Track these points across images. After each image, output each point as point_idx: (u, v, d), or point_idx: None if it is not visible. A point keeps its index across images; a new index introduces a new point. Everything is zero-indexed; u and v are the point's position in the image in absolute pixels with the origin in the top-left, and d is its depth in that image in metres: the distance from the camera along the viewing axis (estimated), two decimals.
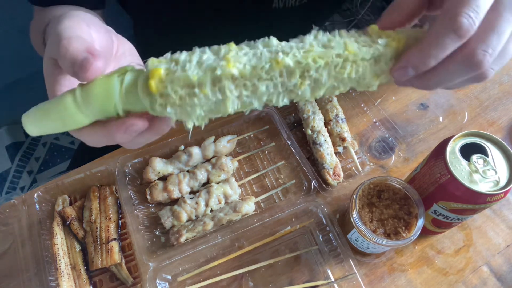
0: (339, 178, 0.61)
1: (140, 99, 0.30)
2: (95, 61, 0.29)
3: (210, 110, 0.31)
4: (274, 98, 0.32)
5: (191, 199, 0.58)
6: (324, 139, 0.62)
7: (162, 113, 0.30)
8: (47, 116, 0.31)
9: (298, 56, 0.31)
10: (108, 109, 0.31)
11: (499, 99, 0.71)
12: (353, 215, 0.50)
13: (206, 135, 0.64)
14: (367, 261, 0.57)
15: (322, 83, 0.33)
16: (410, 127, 0.68)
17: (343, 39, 0.33)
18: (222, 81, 0.29)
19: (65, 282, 0.53)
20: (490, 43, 0.35)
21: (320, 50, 0.31)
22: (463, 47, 0.35)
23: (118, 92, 0.30)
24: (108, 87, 0.30)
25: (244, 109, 0.32)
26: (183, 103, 0.30)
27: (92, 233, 0.57)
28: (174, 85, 0.29)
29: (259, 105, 0.32)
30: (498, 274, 0.56)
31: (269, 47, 0.32)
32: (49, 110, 0.31)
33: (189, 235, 0.56)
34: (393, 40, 0.34)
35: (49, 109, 0.31)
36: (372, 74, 0.34)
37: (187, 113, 0.30)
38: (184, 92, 0.29)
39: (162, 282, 0.54)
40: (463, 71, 0.36)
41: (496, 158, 0.47)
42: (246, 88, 0.31)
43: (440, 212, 0.50)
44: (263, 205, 0.61)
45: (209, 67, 0.29)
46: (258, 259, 0.56)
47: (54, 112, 0.31)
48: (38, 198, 0.59)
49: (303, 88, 0.32)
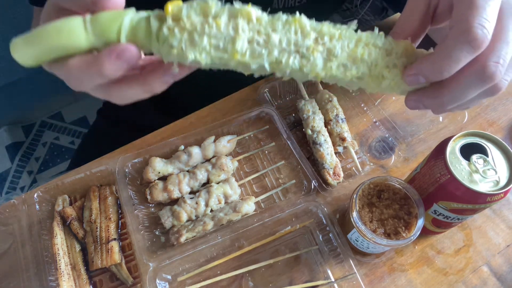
0: (339, 178, 0.61)
1: (149, 23, 0.29)
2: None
3: (217, 47, 0.30)
4: (284, 58, 0.31)
5: (191, 199, 0.59)
6: (324, 139, 0.62)
7: (166, 40, 0.29)
8: (45, 39, 0.29)
9: (313, 23, 0.31)
10: (112, 30, 0.29)
11: (499, 99, 0.71)
12: (353, 215, 0.50)
13: (206, 135, 0.64)
14: (367, 261, 0.57)
15: (335, 55, 0.32)
16: (410, 127, 0.68)
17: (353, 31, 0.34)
18: (238, 17, 0.29)
19: (65, 282, 0.53)
20: (500, 54, 0.34)
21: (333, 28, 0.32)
22: (474, 60, 0.34)
23: (129, 17, 0.29)
24: (119, 13, 0.29)
25: (252, 61, 0.31)
26: (193, 30, 0.29)
27: (92, 233, 0.57)
28: (191, 10, 0.28)
29: (268, 61, 0.31)
30: (498, 274, 0.56)
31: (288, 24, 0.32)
32: (51, 32, 0.29)
33: (189, 235, 0.56)
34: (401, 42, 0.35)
35: (51, 30, 0.29)
36: (384, 63, 0.34)
37: (193, 42, 0.29)
38: (198, 20, 0.29)
39: (162, 282, 0.54)
40: (477, 84, 0.35)
41: (496, 158, 0.47)
42: (260, 34, 0.30)
43: (440, 212, 0.50)
44: (263, 205, 0.61)
45: (227, 5, 0.29)
46: (258, 259, 0.56)
47: (55, 31, 0.29)
48: (38, 198, 0.59)
49: (315, 55, 0.32)
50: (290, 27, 0.31)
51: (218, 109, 0.70)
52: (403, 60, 0.35)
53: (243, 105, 0.71)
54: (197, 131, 0.63)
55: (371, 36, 0.34)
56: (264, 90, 0.68)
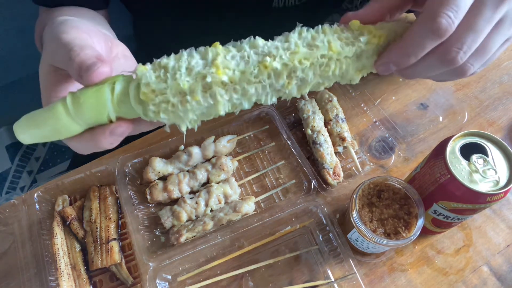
0: (339, 178, 0.61)
1: (132, 107, 0.31)
2: (102, 66, 0.30)
3: (202, 114, 0.32)
4: (263, 98, 0.33)
5: (191, 199, 0.58)
6: (324, 139, 0.62)
7: (155, 119, 0.31)
8: (38, 125, 0.31)
9: (284, 59, 0.31)
10: (101, 118, 0.31)
11: (499, 99, 0.71)
12: (353, 215, 0.50)
13: (206, 135, 0.64)
14: (367, 261, 0.57)
15: (308, 82, 0.34)
16: (410, 127, 0.68)
17: (327, 37, 0.33)
18: (212, 87, 0.30)
19: (65, 282, 0.53)
20: (465, 41, 0.36)
21: (305, 51, 0.32)
22: (440, 43, 0.37)
23: (110, 101, 0.30)
24: (100, 97, 0.30)
25: (235, 109, 0.33)
26: (176, 109, 0.30)
27: (92, 233, 0.57)
28: (166, 95, 0.30)
29: (249, 105, 0.33)
30: (498, 274, 0.56)
31: (256, 48, 0.32)
32: (41, 119, 0.31)
33: (189, 235, 0.56)
34: (374, 37, 0.35)
35: (41, 118, 0.31)
36: (355, 69, 0.36)
37: (180, 118, 0.31)
38: (176, 100, 0.30)
39: (162, 282, 0.54)
40: (438, 65, 0.38)
41: (496, 158, 0.47)
42: (236, 92, 0.31)
43: (440, 212, 0.50)
44: (263, 205, 0.61)
45: (199, 75, 0.30)
46: (258, 259, 0.56)
47: (45, 121, 0.31)
48: (38, 198, 0.59)
49: (290, 87, 0.33)
50: (263, 74, 0.31)
51: None
52: (374, 57, 0.37)
53: None
54: (197, 131, 0.63)
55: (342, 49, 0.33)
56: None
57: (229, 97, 0.32)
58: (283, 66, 0.31)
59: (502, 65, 0.75)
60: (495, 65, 0.75)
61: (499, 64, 0.75)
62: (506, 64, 0.75)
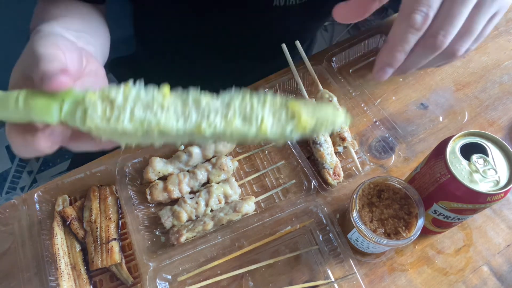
0: (339, 178, 0.61)
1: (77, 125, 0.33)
2: (64, 76, 0.32)
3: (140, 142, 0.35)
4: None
5: (191, 199, 0.58)
6: (324, 139, 0.62)
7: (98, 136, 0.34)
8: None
9: (217, 128, 0.33)
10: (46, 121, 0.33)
11: (499, 99, 0.71)
12: (353, 215, 0.50)
13: None
14: (367, 261, 0.57)
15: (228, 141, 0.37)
16: (410, 127, 0.68)
17: (263, 111, 0.34)
18: (151, 133, 0.33)
19: (65, 282, 0.53)
20: (442, 26, 0.40)
21: (238, 126, 0.33)
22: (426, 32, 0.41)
23: (57, 115, 0.32)
24: (48, 108, 0.32)
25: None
26: (118, 137, 0.34)
27: (92, 233, 0.57)
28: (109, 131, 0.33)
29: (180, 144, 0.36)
30: (498, 274, 0.56)
31: (198, 104, 0.34)
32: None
33: (189, 235, 0.56)
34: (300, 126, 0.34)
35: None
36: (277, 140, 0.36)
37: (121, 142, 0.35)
38: (118, 135, 0.33)
39: (162, 282, 0.54)
40: (425, 53, 0.42)
41: (496, 157, 0.47)
42: (170, 138, 0.34)
43: (440, 212, 0.50)
44: (263, 205, 0.61)
45: (141, 122, 0.32)
46: (258, 259, 0.56)
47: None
48: (38, 198, 0.59)
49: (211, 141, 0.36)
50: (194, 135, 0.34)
51: None
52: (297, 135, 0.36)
53: None
54: None
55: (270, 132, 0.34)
56: (264, 90, 0.68)
57: (164, 140, 0.34)
58: (213, 134, 0.33)
59: (502, 65, 0.75)
60: (495, 65, 0.75)
61: (499, 64, 0.75)
62: (506, 64, 0.75)
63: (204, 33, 0.74)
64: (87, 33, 0.51)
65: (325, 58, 0.71)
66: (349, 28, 1.99)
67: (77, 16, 0.54)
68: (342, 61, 0.74)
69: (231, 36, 0.74)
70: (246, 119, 0.34)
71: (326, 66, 0.70)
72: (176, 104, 0.34)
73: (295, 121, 0.34)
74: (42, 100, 0.32)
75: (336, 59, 0.72)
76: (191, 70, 0.86)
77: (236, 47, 0.78)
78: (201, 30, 0.73)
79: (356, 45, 0.73)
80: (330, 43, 1.98)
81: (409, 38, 0.41)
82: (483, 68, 0.74)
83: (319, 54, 0.76)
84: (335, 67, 0.72)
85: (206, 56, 0.81)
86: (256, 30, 0.73)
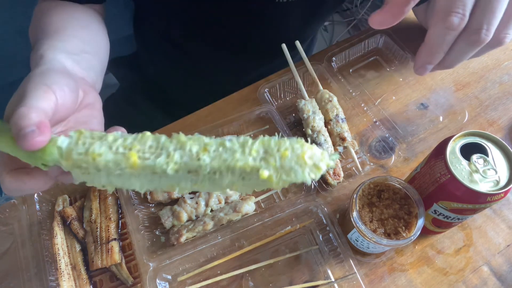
0: (339, 178, 0.61)
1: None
2: (39, 136, 0.31)
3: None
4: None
5: (191, 199, 0.58)
6: (324, 139, 0.62)
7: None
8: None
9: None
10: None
11: (499, 99, 0.71)
12: (353, 215, 0.50)
13: (206, 135, 0.64)
14: (367, 261, 0.57)
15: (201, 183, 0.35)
16: (410, 127, 0.68)
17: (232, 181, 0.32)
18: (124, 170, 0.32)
19: (65, 282, 0.53)
20: (483, 21, 0.42)
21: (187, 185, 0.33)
22: (467, 28, 0.43)
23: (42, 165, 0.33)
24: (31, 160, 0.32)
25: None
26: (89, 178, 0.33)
27: (92, 233, 0.57)
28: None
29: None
30: (498, 274, 0.56)
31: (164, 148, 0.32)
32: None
33: (189, 235, 0.56)
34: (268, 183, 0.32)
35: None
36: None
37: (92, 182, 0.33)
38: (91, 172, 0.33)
39: (162, 282, 0.54)
40: (469, 48, 0.44)
41: (496, 157, 0.47)
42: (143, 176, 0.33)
43: (440, 212, 0.50)
44: (263, 205, 0.61)
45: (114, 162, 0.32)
46: (258, 259, 0.56)
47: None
48: (38, 198, 0.59)
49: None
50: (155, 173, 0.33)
51: (218, 109, 0.70)
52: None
53: (243, 105, 0.71)
54: (197, 131, 0.63)
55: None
56: (264, 90, 0.68)
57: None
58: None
59: (502, 65, 0.75)
60: (495, 65, 0.75)
61: (499, 64, 0.75)
62: (506, 64, 0.75)
63: (205, 31, 0.74)
64: (88, 51, 0.51)
65: (325, 58, 0.71)
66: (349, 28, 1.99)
67: (77, 27, 0.54)
68: (342, 61, 0.74)
69: (232, 34, 0.74)
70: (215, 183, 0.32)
71: (326, 66, 0.70)
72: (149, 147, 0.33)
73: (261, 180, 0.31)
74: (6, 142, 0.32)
75: (336, 59, 0.72)
76: (191, 70, 0.86)
77: (237, 45, 0.78)
78: (202, 26, 0.72)
79: (356, 45, 0.73)
80: (330, 43, 1.98)
81: (447, 39, 0.43)
82: (483, 68, 0.75)
83: (319, 54, 0.76)
84: (335, 67, 0.72)
85: (206, 55, 0.81)
86: (258, 28, 0.73)
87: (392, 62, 0.75)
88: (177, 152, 0.32)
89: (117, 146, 0.32)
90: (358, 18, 1.97)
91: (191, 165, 0.32)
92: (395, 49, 0.73)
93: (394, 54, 0.74)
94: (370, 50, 0.76)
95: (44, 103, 0.34)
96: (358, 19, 1.98)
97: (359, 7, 1.98)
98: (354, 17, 1.99)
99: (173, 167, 0.31)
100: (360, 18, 1.97)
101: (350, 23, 1.99)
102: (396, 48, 0.73)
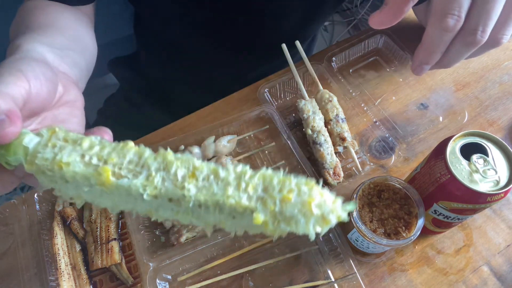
0: (339, 178, 0.61)
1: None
2: (10, 126, 0.28)
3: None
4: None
5: None
6: (324, 139, 0.62)
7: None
8: None
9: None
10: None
11: (499, 99, 0.71)
12: (353, 214, 0.50)
13: (206, 135, 0.64)
14: (367, 261, 0.57)
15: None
16: (410, 127, 0.68)
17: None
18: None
19: (65, 282, 0.53)
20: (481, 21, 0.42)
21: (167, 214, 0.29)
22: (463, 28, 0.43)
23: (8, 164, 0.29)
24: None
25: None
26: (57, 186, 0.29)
27: (92, 233, 0.57)
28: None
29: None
30: (499, 274, 0.56)
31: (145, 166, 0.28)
32: None
33: (189, 235, 0.56)
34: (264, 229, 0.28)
35: None
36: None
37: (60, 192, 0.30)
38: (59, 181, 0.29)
39: (162, 282, 0.54)
40: (466, 49, 0.45)
41: (496, 157, 0.47)
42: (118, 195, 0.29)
43: (440, 212, 0.50)
44: None
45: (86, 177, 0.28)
46: (258, 259, 0.56)
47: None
48: (38, 198, 0.59)
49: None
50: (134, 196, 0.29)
51: (218, 109, 0.70)
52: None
53: (243, 105, 0.71)
54: (197, 131, 0.63)
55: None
56: (264, 90, 0.68)
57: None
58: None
59: (502, 65, 0.75)
60: (495, 65, 0.75)
61: (499, 64, 0.75)
62: (506, 64, 0.75)
63: (205, 31, 0.74)
64: (73, 49, 0.48)
65: (325, 58, 0.71)
66: (349, 28, 1.99)
67: (63, 27, 0.51)
68: (342, 61, 0.74)
69: (232, 34, 0.74)
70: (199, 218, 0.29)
71: (326, 66, 0.70)
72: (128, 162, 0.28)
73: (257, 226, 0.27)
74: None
75: (336, 59, 0.72)
76: (191, 70, 0.86)
77: (237, 45, 0.78)
78: (202, 24, 0.72)
79: (356, 45, 0.73)
80: (330, 43, 1.98)
81: (444, 40, 0.44)
82: (483, 68, 0.75)
83: (319, 54, 0.76)
84: (335, 67, 0.72)
85: (206, 55, 0.81)
86: (258, 28, 0.73)
87: (392, 62, 0.75)
88: (159, 174, 0.27)
89: (91, 155, 0.27)
90: (358, 18, 1.97)
91: (172, 194, 0.27)
92: (395, 49, 0.73)
93: (394, 54, 0.74)
94: (370, 50, 0.76)
95: (15, 89, 0.30)
96: (358, 19, 1.98)
97: (359, 7, 1.98)
98: (354, 17, 1.99)
99: (151, 192, 0.26)
100: (360, 18, 1.97)
101: (350, 23, 1.99)
102: (396, 48, 0.73)
